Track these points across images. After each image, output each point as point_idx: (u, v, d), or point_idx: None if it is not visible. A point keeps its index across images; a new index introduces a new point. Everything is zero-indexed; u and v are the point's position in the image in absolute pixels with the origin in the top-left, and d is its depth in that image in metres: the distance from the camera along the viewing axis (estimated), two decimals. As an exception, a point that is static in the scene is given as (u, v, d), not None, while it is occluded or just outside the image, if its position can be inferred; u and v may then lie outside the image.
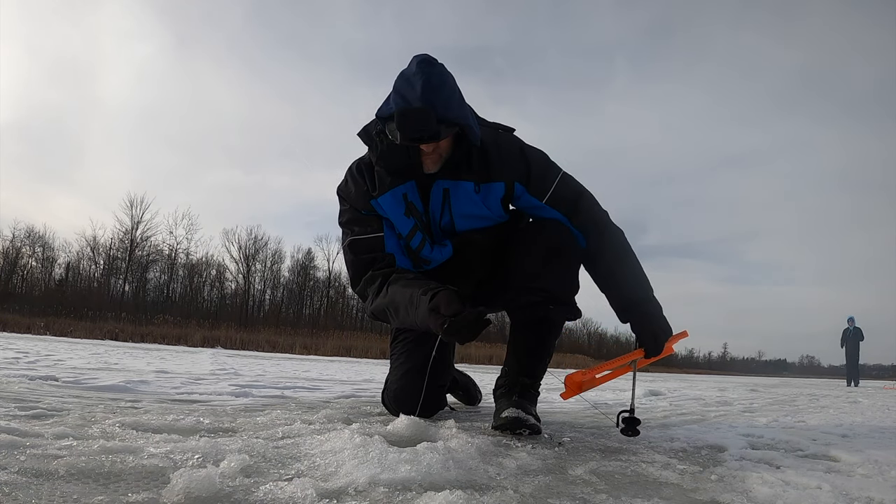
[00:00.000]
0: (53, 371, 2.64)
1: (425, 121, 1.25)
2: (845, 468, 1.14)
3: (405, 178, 1.44)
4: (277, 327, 22.71)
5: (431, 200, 1.46)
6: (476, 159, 1.42)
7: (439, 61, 1.31)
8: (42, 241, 23.65)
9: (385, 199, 1.46)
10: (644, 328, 1.39)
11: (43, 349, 5.30)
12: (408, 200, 1.46)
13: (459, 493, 0.72)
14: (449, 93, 1.29)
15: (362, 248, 1.48)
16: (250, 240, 26.41)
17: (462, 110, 1.33)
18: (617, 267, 1.46)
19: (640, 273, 1.47)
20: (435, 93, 1.25)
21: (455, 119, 1.29)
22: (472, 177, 1.43)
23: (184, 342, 16.26)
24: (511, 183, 1.46)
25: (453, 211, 1.47)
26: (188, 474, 0.71)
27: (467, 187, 1.43)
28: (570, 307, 1.51)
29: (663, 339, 1.38)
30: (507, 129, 1.53)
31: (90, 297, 22.04)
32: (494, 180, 1.44)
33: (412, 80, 1.27)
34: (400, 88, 1.29)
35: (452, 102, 1.29)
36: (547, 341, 1.51)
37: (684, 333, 1.52)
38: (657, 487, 0.91)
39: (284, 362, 6.68)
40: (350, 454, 0.92)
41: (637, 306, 1.42)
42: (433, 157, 1.37)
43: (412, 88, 1.26)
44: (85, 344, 8.87)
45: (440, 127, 1.27)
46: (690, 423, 1.96)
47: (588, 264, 1.51)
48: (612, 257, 1.47)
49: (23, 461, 0.79)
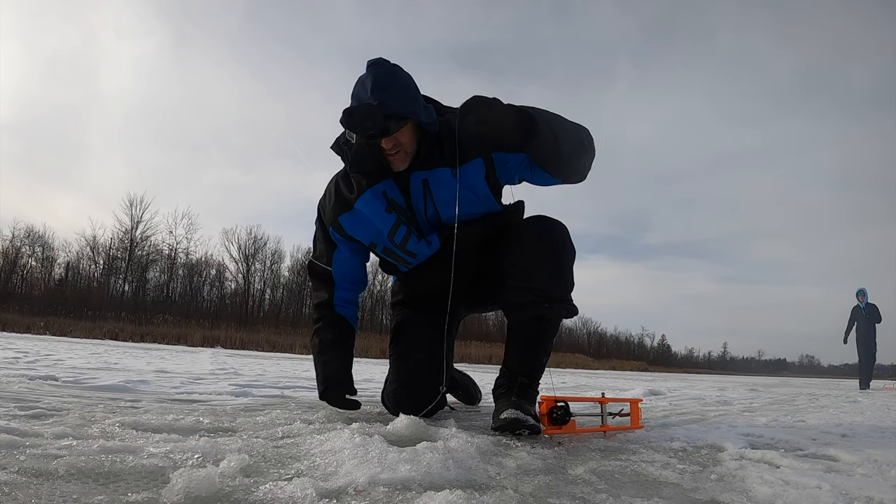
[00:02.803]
0: (53, 371, 2.64)
1: (370, 115, 1.30)
2: (845, 468, 1.14)
3: (381, 178, 1.50)
4: (277, 327, 22.71)
5: (412, 194, 1.50)
6: (448, 145, 1.46)
7: (392, 62, 1.38)
8: (42, 241, 23.65)
9: (364, 198, 1.52)
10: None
11: (42, 349, 5.29)
12: (388, 197, 1.51)
13: (459, 493, 0.72)
14: (399, 89, 1.35)
15: (315, 273, 1.68)
16: (250, 239, 26.43)
17: (412, 105, 1.38)
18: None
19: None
20: (383, 90, 1.32)
21: (403, 113, 1.34)
22: (448, 162, 1.46)
23: (183, 342, 16.24)
24: (488, 156, 1.49)
25: (435, 199, 1.49)
26: (188, 474, 0.71)
27: (444, 173, 1.47)
28: (566, 304, 1.51)
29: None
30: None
31: (90, 296, 22.03)
32: (471, 159, 1.47)
33: (364, 82, 1.34)
34: (354, 92, 1.37)
35: (402, 98, 1.35)
36: (544, 340, 1.51)
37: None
38: (657, 487, 0.91)
39: (284, 362, 6.67)
40: (350, 454, 0.92)
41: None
42: (399, 155, 1.42)
43: (364, 89, 1.33)
44: (85, 344, 8.87)
45: (389, 122, 1.33)
46: (690, 423, 1.95)
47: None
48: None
49: (22, 461, 0.79)
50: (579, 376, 9.12)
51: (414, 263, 1.62)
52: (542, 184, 1.57)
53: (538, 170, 1.51)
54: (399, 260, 1.62)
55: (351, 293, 1.68)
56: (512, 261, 1.49)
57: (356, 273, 1.67)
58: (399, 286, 1.82)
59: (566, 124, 1.44)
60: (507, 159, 1.49)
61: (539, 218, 1.55)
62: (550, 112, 1.42)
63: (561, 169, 1.49)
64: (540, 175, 1.53)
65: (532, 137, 1.36)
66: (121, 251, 24.08)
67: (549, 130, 1.37)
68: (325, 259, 1.65)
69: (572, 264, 1.52)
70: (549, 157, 1.44)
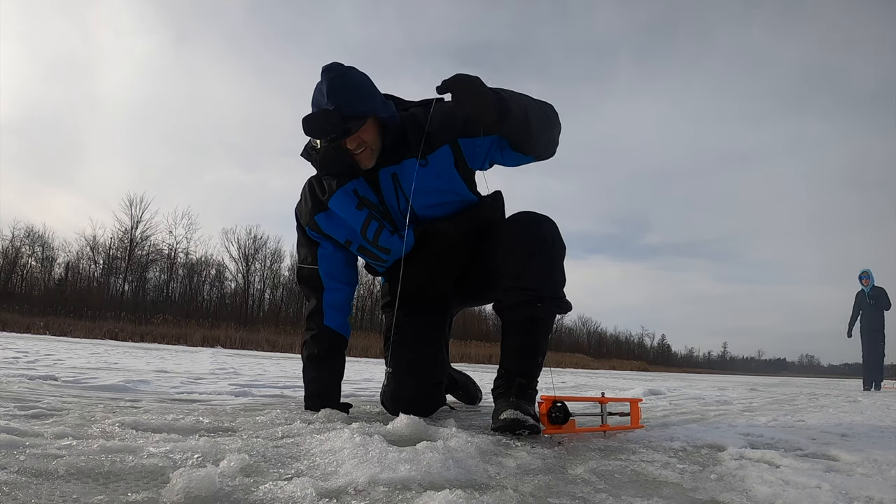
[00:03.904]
0: (53, 371, 2.64)
1: (326, 120, 1.34)
2: (845, 467, 1.14)
3: (351, 177, 1.52)
4: (277, 327, 22.67)
5: (384, 190, 1.51)
6: (412, 136, 1.47)
7: (346, 65, 1.40)
8: (41, 241, 23.62)
9: (336, 198, 1.54)
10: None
11: (42, 349, 5.29)
12: (359, 195, 1.54)
13: (459, 493, 0.72)
14: (354, 89, 1.38)
15: (303, 278, 1.67)
16: (249, 239, 26.39)
17: (370, 102, 1.40)
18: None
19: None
20: (338, 93, 1.35)
21: (361, 112, 1.37)
22: (414, 153, 1.47)
23: (183, 342, 16.24)
24: (454, 141, 1.49)
25: (406, 191, 1.50)
26: (188, 474, 0.71)
27: (411, 163, 1.48)
28: (559, 301, 1.50)
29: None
30: (440, 100, 1.55)
31: (90, 296, 22.01)
32: (437, 147, 1.48)
33: (320, 88, 1.37)
34: (313, 100, 1.40)
35: (358, 98, 1.38)
36: (538, 340, 1.51)
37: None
38: (657, 486, 0.91)
39: (284, 361, 6.67)
40: (350, 453, 0.92)
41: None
42: (365, 153, 1.45)
43: (321, 95, 1.36)
44: (84, 343, 8.87)
45: (350, 123, 1.36)
46: (690, 423, 1.96)
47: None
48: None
49: (22, 461, 0.79)
50: (579, 376, 9.12)
51: (389, 261, 1.63)
52: (514, 164, 1.57)
53: (509, 150, 1.51)
54: (374, 257, 1.63)
55: (340, 294, 1.65)
56: (501, 259, 1.48)
57: (343, 268, 1.66)
58: (387, 287, 1.82)
59: (532, 102, 1.45)
60: (475, 144, 1.49)
61: (526, 214, 1.54)
62: (515, 91, 1.42)
63: (534, 147, 1.49)
64: (511, 156, 1.53)
65: (507, 117, 1.36)
66: (121, 251, 24.09)
67: (519, 109, 1.38)
68: (310, 258, 1.64)
69: (562, 260, 1.51)
70: (522, 136, 1.44)
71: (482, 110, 1.32)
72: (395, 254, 1.60)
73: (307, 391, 1.64)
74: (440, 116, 1.49)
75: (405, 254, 1.52)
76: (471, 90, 1.30)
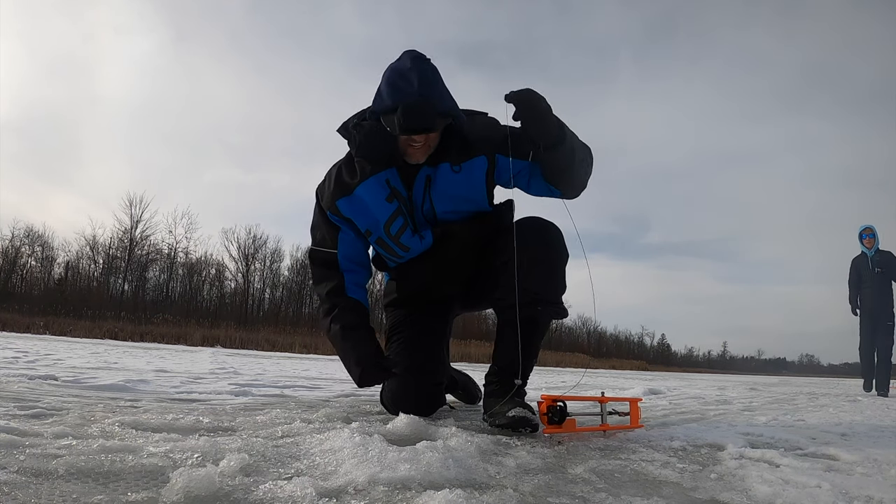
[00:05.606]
0: (53, 370, 2.64)
1: (426, 113, 1.33)
2: (845, 467, 1.14)
3: (386, 166, 1.50)
4: (277, 326, 22.68)
5: (415, 187, 1.51)
6: (455, 142, 1.48)
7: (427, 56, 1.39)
8: (41, 241, 23.59)
9: (367, 184, 1.52)
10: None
11: (42, 348, 5.29)
12: (391, 186, 1.52)
13: (459, 492, 0.72)
14: (442, 86, 1.38)
15: (318, 260, 1.62)
16: (249, 239, 26.37)
17: (452, 102, 1.40)
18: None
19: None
20: (431, 87, 1.34)
21: (449, 111, 1.37)
22: (451, 158, 1.48)
23: (183, 341, 16.23)
24: (492, 156, 1.51)
25: (433, 195, 1.51)
26: (188, 473, 0.71)
27: (445, 168, 1.49)
28: (557, 307, 1.53)
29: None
30: (482, 113, 1.58)
31: (89, 296, 22.00)
32: (474, 156, 1.50)
33: (408, 76, 1.33)
34: (395, 83, 1.35)
35: (445, 94, 1.38)
36: (533, 341, 1.52)
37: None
38: (657, 486, 0.91)
39: (284, 361, 6.67)
40: (349, 453, 0.92)
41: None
42: (423, 148, 1.43)
43: (409, 83, 1.33)
44: (84, 343, 8.86)
45: (437, 119, 1.35)
46: (690, 422, 1.96)
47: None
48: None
49: (22, 460, 0.79)
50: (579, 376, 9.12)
51: (405, 258, 1.62)
52: (537, 194, 1.59)
53: (538, 180, 1.53)
54: (391, 252, 1.62)
55: (359, 276, 1.62)
56: (505, 260, 1.49)
57: (362, 254, 1.63)
58: (393, 285, 1.81)
59: (577, 140, 1.48)
60: (509, 165, 1.50)
61: (533, 219, 1.56)
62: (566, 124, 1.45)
63: (570, 181, 1.51)
64: (539, 186, 1.55)
65: (562, 144, 1.40)
66: (120, 251, 24.06)
67: (571, 141, 1.42)
68: (329, 242, 1.60)
69: (565, 266, 1.53)
70: (564, 167, 1.47)
71: (544, 130, 1.36)
72: (413, 253, 1.60)
73: (356, 357, 1.51)
74: (481, 127, 1.50)
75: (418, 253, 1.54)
76: (538, 107, 1.33)
